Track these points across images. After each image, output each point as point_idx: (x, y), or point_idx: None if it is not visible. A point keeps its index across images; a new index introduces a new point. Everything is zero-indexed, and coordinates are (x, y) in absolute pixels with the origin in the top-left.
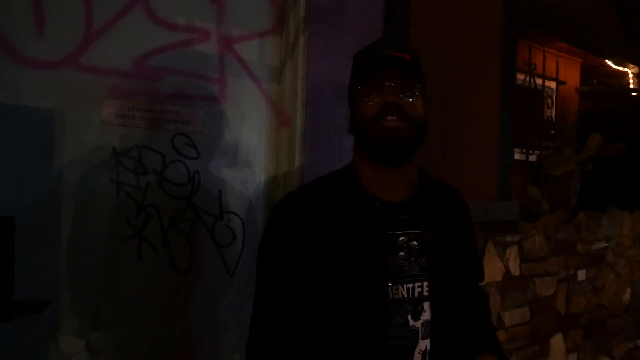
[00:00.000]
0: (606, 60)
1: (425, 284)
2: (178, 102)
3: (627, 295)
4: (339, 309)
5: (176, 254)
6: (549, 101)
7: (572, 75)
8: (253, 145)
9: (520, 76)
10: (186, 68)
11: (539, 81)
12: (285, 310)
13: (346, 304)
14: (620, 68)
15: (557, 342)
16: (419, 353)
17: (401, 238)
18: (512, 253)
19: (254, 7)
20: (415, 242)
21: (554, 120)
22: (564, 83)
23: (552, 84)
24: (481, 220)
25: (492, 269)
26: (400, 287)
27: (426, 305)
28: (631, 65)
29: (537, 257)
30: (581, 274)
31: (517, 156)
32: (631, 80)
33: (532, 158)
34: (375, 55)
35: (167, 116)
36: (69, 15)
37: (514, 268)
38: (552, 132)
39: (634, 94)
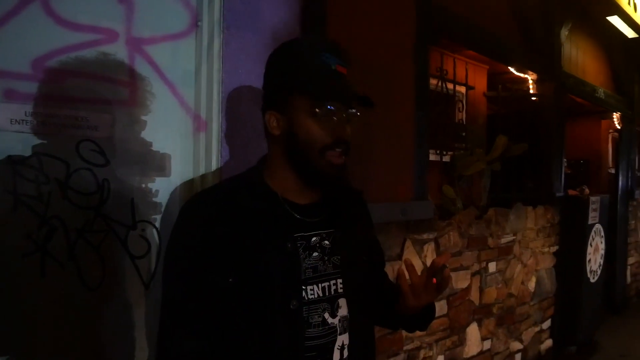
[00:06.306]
0: (509, 68)
1: (339, 281)
2: (83, 106)
3: (532, 284)
4: (255, 315)
5: (85, 269)
6: (460, 105)
7: (480, 81)
8: (167, 151)
9: (433, 81)
10: (91, 70)
11: (450, 86)
12: (194, 316)
13: (263, 310)
14: (522, 75)
15: (473, 331)
16: (337, 349)
17: (314, 239)
18: (429, 249)
19: (166, 8)
20: (327, 242)
21: (464, 122)
22: (473, 88)
23: (462, 89)
24: (399, 220)
25: None
26: (315, 287)
27: (342, 301)
28: (530, 73)
29: (452, 252)
30: (492, 266)
31: (432, 157)
32: (531, 86)
33: (446, 159)
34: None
35: (71, 121)
36: None
37: None
38: (464, 134)
39: (533, 98)
